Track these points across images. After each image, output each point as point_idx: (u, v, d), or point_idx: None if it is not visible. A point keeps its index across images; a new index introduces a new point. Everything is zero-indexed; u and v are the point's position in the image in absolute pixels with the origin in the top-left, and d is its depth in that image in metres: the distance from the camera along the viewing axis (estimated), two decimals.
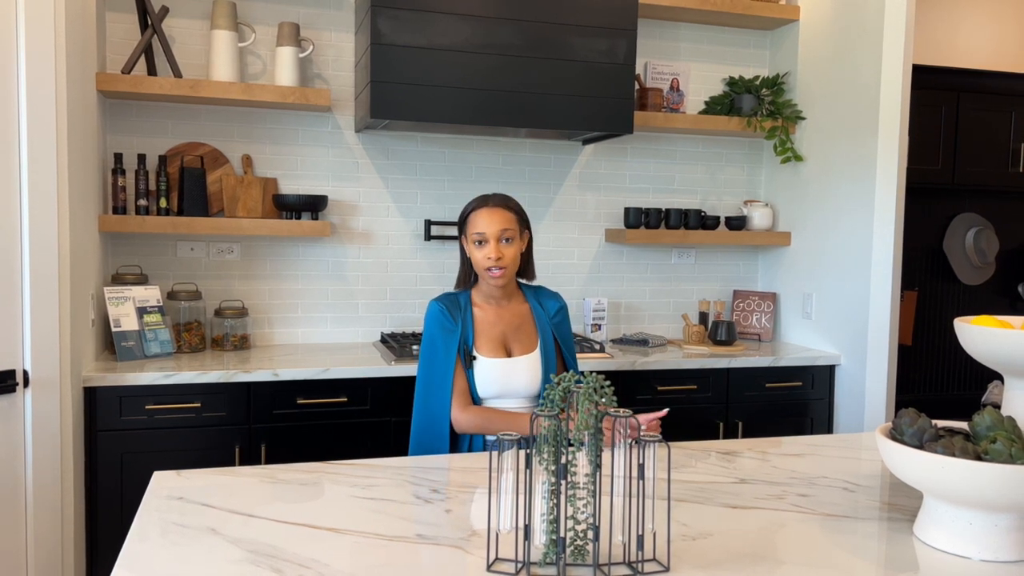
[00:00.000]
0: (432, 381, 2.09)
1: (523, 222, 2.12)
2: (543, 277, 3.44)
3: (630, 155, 3.59)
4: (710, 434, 3.11)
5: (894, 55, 3.01)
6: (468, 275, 2.17)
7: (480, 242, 2.05)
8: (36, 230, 2.21)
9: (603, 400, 1.22)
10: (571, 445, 1.23)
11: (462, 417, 2.05)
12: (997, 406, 1.49)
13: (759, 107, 3.49)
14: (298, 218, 3.05)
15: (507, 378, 2.08)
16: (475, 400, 2.09)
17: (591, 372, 1.26)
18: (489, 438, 2.08)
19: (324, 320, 3.26)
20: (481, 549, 1.29)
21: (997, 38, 4.25)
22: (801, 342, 3.48)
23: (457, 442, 2.12)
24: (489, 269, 2.05)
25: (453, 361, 2.07)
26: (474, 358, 2.08)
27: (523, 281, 2.24)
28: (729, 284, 3.77)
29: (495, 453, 1.21)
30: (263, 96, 2.91)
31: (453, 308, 2.12)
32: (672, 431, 2.88)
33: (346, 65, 3.21)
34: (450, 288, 3.33)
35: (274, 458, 2.66)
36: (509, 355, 2.11)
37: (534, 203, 3.44)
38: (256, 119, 3.14)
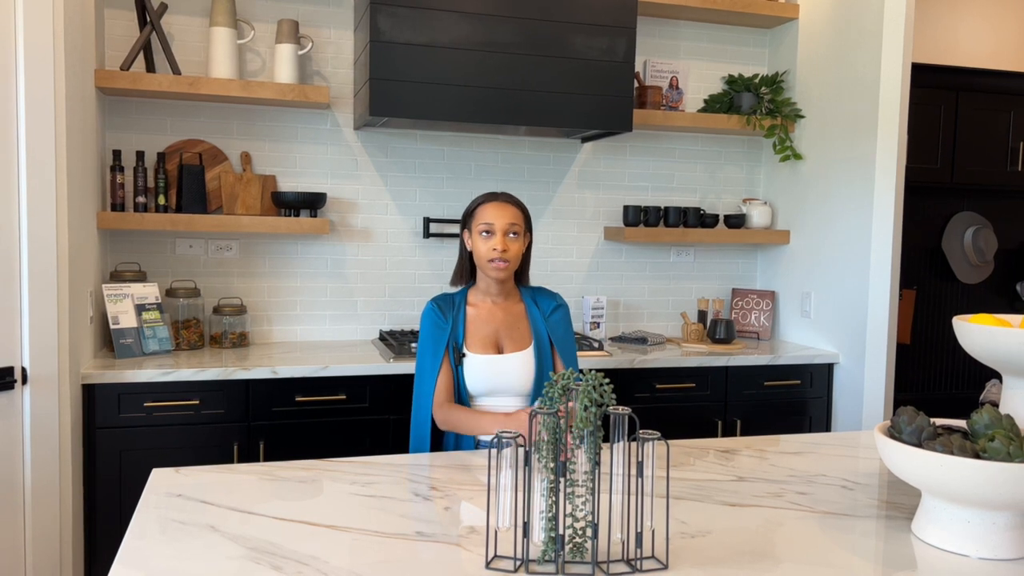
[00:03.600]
0: (422, 379, 2.12)
1: (527, 223, 2.13)
2: (542, 275, 3.44)
3: (629, 153, 3.59)
4: (708, 432, 3.11)
5: (893, 54, 3.02)
6: (464, 271, 2.18)
7: (487, 232, 2.05)
8: (35, 227, 2.20)
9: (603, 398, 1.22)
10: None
11: (437, 413, 2.08)
12: (995, 404, 1.49)
13: (758, 105, 3.49)
14: (297, 215, 3.05)
15: (497, 375, 2.08)
16: (465, 397, 2.09)
17: (590, 370, 1.26)
18: (483, 437, 2.08)
19: (323, 318, 3.26)
20: (480, 546, 1.29)
21: (996, 37, 4.26)
22: (800, 341, 3.48)
23: (443, 440, 2.13)
24: (492, 260, 2.04)
25: (440, 360, 2.08)
26: (463, 355, 2.08)
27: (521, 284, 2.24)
28: (728, 282, 3.77)
29: (494, 451, 1.21)
30: (262, 93, 2.91)
31: (446, 307, 2.13)
32: (671, 429, 2.89)
33: (345, 62, 3.21)
34: (448, 286, 3.36)
35: (273, 456, 2.66)
36: (500, 352, 2.11)
37: (533, 201, 3.43)
38: (255, 116, 3.14)
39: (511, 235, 2.05)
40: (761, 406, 3.19)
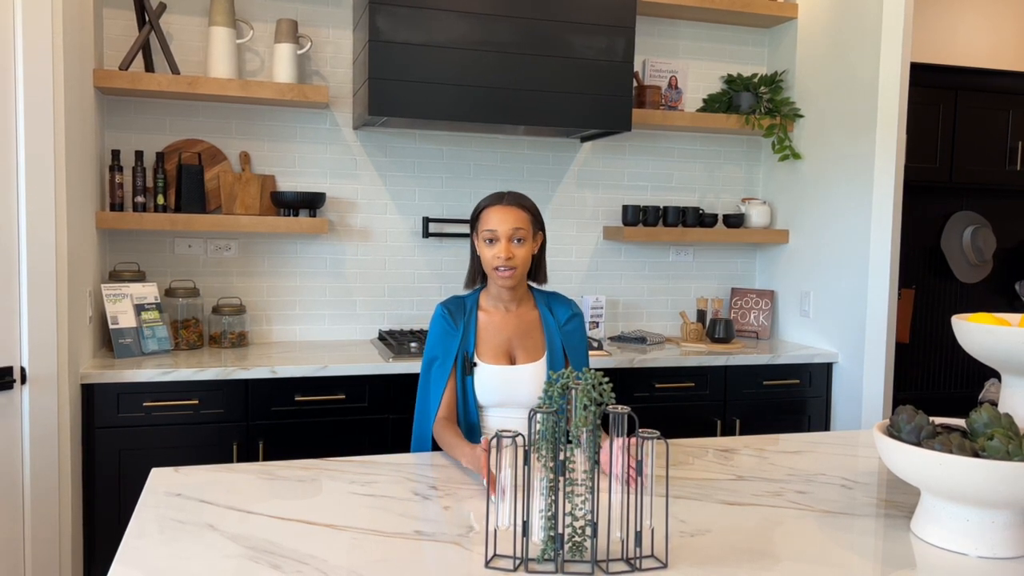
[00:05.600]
0: (427, 386, 2.06)
1: (537, 223, 2.05)
2: None
3: (628, 153, 3.59)
4: (708, 431, 3.11)
5: (892, 53, 3.02)
6: (476, 275, 2.11)
7: (491, 240, 1.97)
8: (33, 227, 2.20)
9: (602, 397, 1.22)
10: (569, 442, 1.23)
11: (435, 427, 1.99)
12: (994, 403, 1.49)
13: (757, 105, 3.49)
14: (296, 215, 3.05)
15: (508, 386, 2.01)
16: (474, 407, 2.03)
17: (588, 369, 1.26)
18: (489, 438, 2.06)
19: (322, 317, 3.26)
20: (479, 545, 1.30)
21: (995, 37, 4.26)
22: (799, 340, 3.48)
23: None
24: (497, 268, 1.97)
25: (448, 368, 2.02)
26: (474, 364, 2.02)
27: (535, 286, 2.16)
28: (727, 282, 3.77)
29: (494, 450, 1.21)
30: (261, 93, 2.90)
31: (457, 312, 2.06)
32: (670, 428, 2.89)
33: (344, 62, 3.21)
34: (447, 285, 3.36)
35: (272, 455, 2.65)
36: (512, 363, 2.04)
37: (533, 200, 3.43)
38: (254, 116, 3.14)
39: (516, 241, 1.97)
40: (760, 405, 3.19)
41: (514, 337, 2.05)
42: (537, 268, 2.11)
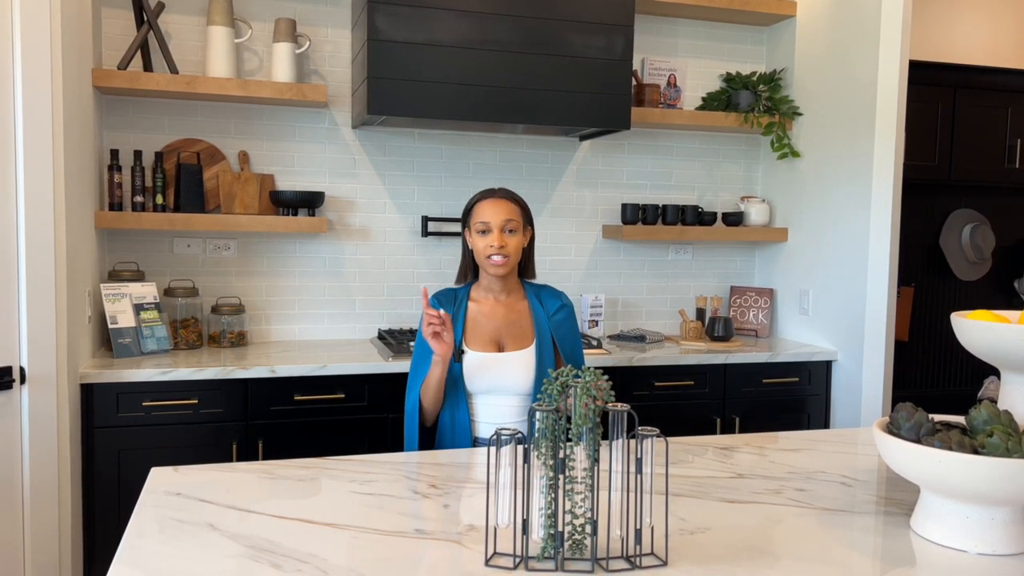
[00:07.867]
0: (416, 373, 2.13)
1: (527, 217, 2.14)
2: (540, 273, 3.43)
3: (627, 151, 3.59)
4: (707, 429, 3.11)
5: (891, 51, 3.02)
6: (468, 270, 2.19)
7: (484, 231, 2.07)
8: (32, 227, 2.20)
9: (601, 395, 1.22)
10: (569, 440, 1.23)
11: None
12: (993, 400, 1.49)
13: (756, 103, 3.49)
14: (295, 214, 3.05)
15: (496, 373, 2.07)
16: (463, 394, 2.09)
17: (587, 367, 1.26)
18: (480, 436, 2.08)
19: (321, 316, 3.26)
20: (479, 544, 1.30)
21: (994, 34, 4.26)
22: (798, 338, 3.49)
23: (438, 437, 2.13)
24: (490, 257, 2.06)
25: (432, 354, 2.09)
26: (462, 352, 2.08)
27: (526, 280, 2.24)
28: (726, 280, 3.77)
29: (493, 448, 1.21)
30: (260, 92, 2.90)
31: (447, 302, 2.14)
32: (669, 427, 2.89)
33: (343, 61, 3.21)
34: (447, 284, 3.35)
35: (271, 455, 2.65)
36: (501, 351, 2.10)
37: (531, 199, 3.43)
38: (253, 115, 3.14)
39: (508, 231, 2.07)
40: (759, 403, 3.19)
41: (503, 326, 2.12)
42: (526, 263, 2.21)
